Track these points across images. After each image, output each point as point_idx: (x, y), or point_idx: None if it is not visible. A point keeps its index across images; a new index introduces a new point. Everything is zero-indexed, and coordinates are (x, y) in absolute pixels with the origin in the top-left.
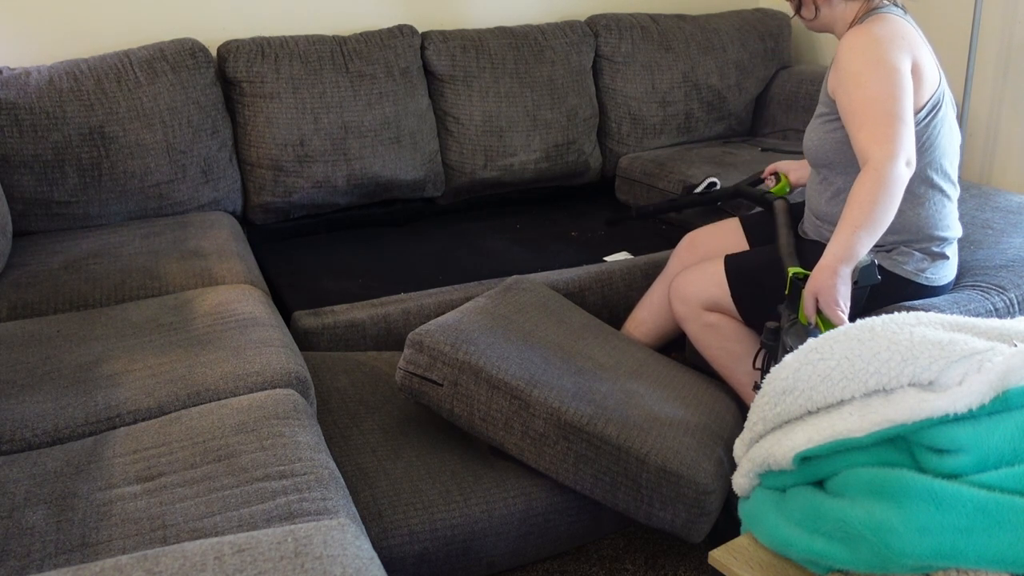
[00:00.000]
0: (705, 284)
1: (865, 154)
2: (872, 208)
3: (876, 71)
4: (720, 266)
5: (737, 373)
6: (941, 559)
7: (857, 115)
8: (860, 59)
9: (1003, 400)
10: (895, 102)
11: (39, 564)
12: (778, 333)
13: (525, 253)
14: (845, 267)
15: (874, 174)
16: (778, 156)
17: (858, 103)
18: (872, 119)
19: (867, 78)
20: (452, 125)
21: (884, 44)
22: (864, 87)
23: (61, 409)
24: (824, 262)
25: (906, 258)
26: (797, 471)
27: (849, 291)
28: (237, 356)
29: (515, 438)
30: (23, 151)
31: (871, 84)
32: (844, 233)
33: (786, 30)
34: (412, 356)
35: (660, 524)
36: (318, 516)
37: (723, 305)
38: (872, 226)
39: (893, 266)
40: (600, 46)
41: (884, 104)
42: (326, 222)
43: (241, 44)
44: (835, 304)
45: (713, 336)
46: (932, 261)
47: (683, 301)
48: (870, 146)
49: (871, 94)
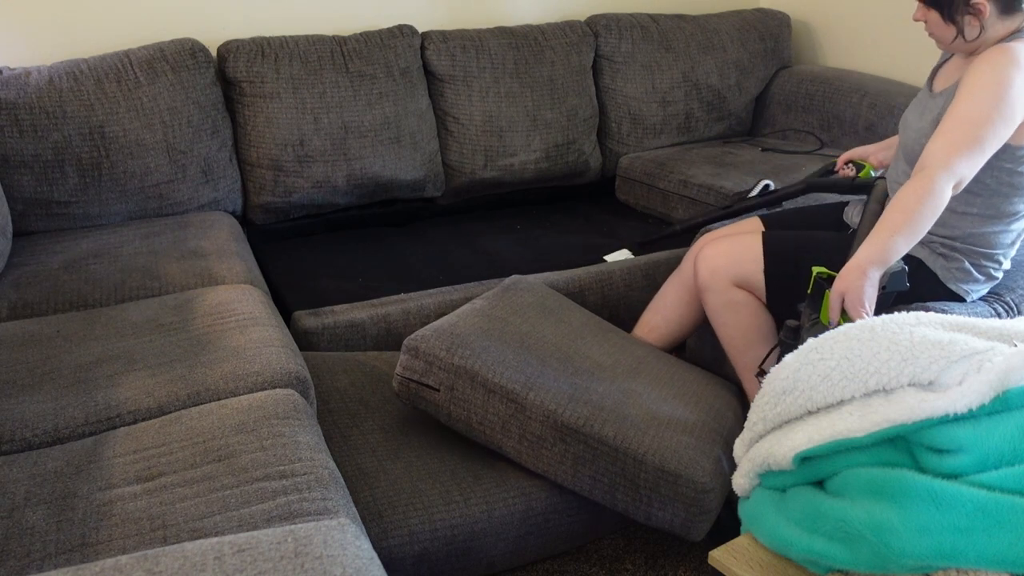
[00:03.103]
0: (738, 256)
1: (927, 159)
2: (913, 215)
3: (990, 91)
4: (758, 240)
5: (746, 357)
6: (941, 559)
7: (947, 121)
8: (987, 74)
9: (1003, 400)
10: (986, 127)
11: (39, 564)
12: (798, 332)
13: (525, 253)
14: (876, 270)
15: (926, 183)
16: (778, 156)
17: (955, 111)
18: (955, 130)
19: (977, 93)
20: (452, 125)
21: (1016, 67)
22: (969, 100)
23: (61, 409)
24: (855, 262)
25: (964, 275)
26: (797, 471)
27: (875, 294)
28: (237, 356)
29: (513, 441)
30: (23, 151)
31: (976, 100)
32: (882, 236)
33: (786, 30)
34: (408, 362)
35: (659, 524)
36: (318, 516)
37: (752, 282)
38: (911, 233)
39: (947, 279)
40: (600, 46)
41: (974, 125)
42: (326, 222)
43: (241, 44)
44: (860, 305)
45: (733, 314)
46: (984, 282)
47: (712, 272)
48: (936, 153)
49: (970, 109)
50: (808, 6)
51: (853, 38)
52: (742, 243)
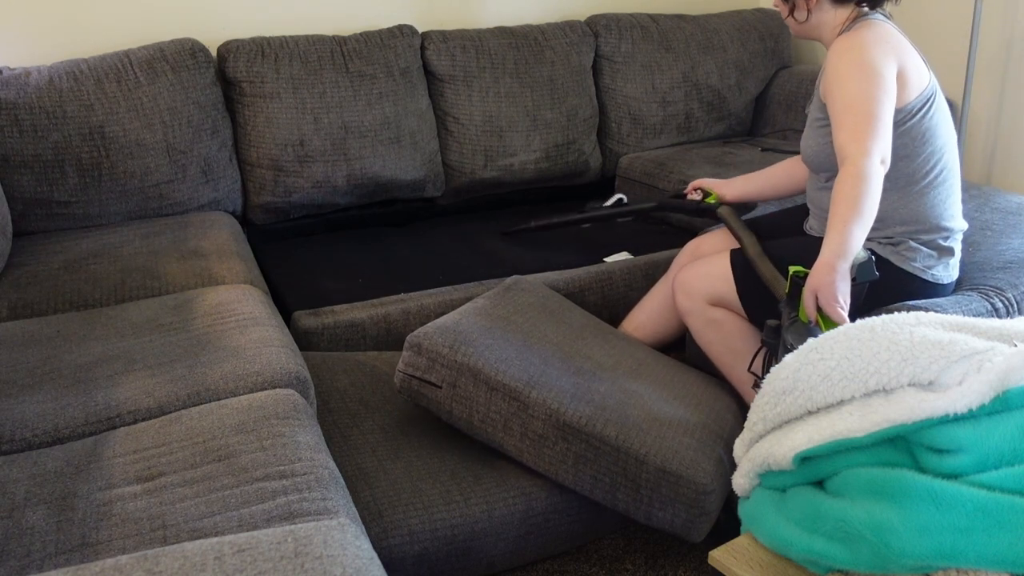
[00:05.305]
0: (711, 278)
1: (843, 152)
2: (856, 202)
3: (859, 73)
4: (726, 260)
5: (738, 370)
6: (941, 559)
7: (839, 115)
8: (845, 62)
9: (1003, 400)
10: (874, 102)
11: (39, 564)
12: (779, 331)
13: (525, 253)
14: (843, 263)
15: (852, 170)
16: (778, 156)
17: (840, 104)
18: (851, 118)
19: (850, 79)
20: (452, 125)
21: (869, 47)
22: (846, 87)
23: (61, 409)
24: (822, 260)
25: (914, 253)
26: (797, 471)
27: (848, 288)
28: (237, 356)
29: (514, 439)
30: (23, 151)
31: (853, 85)
32: (836, 229)
33: (786, 30)
34: (410, 358)
35: (660, 524)
36: (318, 516)
37: (728, 300)
38: (860, 219)
39: (901, 262)
40: (600, 46)
41: (863, 104)
42: (326, 222)
43: (241, 44)
44: (835, 301)
45: (716, 332)
46: (939, 258)
47: (688, 295)
48: (847, 144)
49: (852, 94)
50: None
51: None
52: (712, 266)
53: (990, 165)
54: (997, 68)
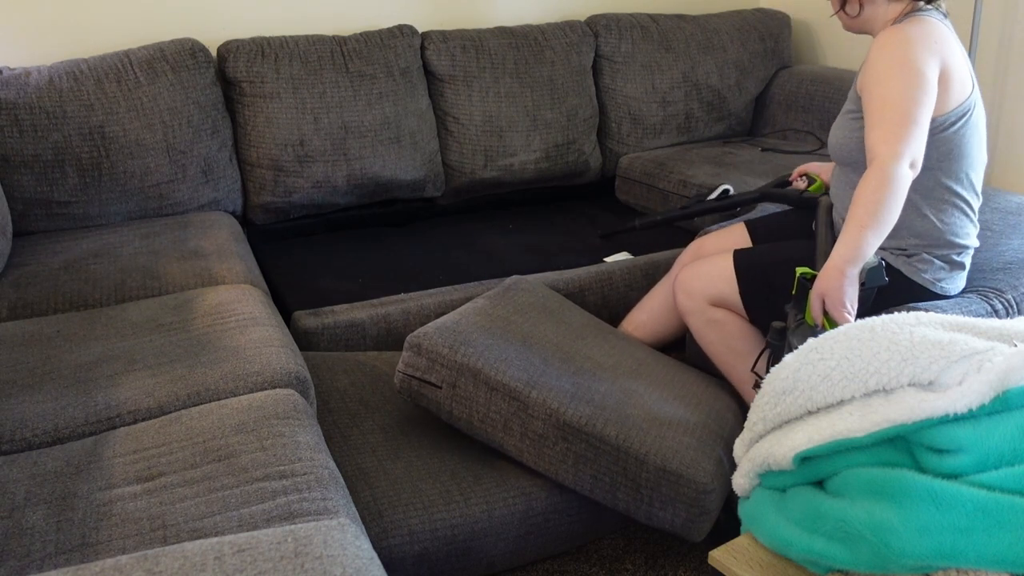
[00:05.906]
0: (713, 278)
1: (872, 152)
2: (876, 207)
3: (900, 71)
4: (729, 261)
5: (738, 371)
6: (941, 559)
7: (873, 113)
8: (887, 58)
9: (1003, 400)
10: (912, 103)
11: (39, 564)
12: (784, 333)
13: (525, 253)
14: (852, 268)
15: (879, 173)
16: (778, 156)
17: (876, 101)
18: (886, 118)
19: (889, 77)
20: (452, 125)
21: (913, 45)
22: (884, 85)
23: (61, 409)
24: (831, 263)
25: (926, 266)
26: (797, 471)
27: (856, 293)
28: (237, 356)
29: (514, 439)
30: (23, 151)
31: (892, 83)
32: (851, 233)
33: (786, 30)
34: (410, 359)
35: (660, 524)
36: (318, 516)
37: (729, 301)
38: (878, 226)
39: (912, 273)
40: (600, 46)
41: (900, 105)
42: (326, 222)
43: (241, 44)
44: (842, 306)
45: (716, 332)
46: (950, 271)
47: (688, 295)
48: (878, 144)
49: (890, 93)
50: (808, 6)
51: (853, 38)
52: (714, 266)
53: (990, 165)
54: (997, 68)
